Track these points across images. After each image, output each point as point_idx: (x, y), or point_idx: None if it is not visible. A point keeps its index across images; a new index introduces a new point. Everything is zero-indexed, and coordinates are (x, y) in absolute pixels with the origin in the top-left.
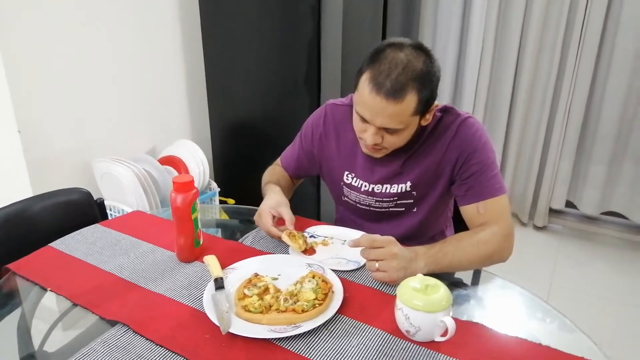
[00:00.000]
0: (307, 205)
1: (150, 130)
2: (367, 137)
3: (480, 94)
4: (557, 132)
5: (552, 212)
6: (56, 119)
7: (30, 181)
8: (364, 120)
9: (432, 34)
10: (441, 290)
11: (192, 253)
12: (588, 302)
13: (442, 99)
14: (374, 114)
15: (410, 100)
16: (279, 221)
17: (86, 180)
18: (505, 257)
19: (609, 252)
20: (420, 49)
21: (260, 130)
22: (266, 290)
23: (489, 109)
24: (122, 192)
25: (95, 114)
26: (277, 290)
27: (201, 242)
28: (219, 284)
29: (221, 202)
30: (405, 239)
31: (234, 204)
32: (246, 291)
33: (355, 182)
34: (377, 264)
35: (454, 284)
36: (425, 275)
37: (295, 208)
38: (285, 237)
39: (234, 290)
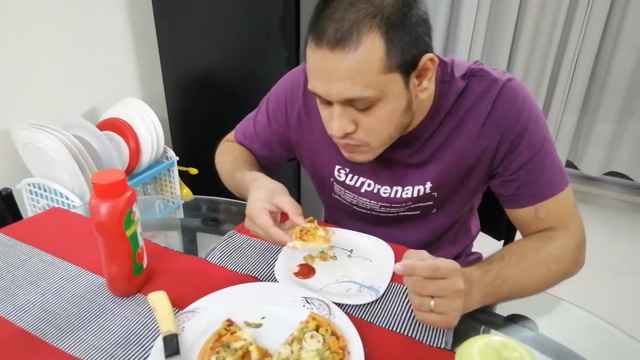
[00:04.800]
0: None
1: (87, 88)
2: (333, 126)
3: (477, 33)
4: (562, 84)
5: None
6: None
7: None
8: (323, 101)
9: None
10: None
11: (130, 284)
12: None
13: (436, 47)
14: (323, 80)
15: (371, 45)
16: (282, 216)
17: (9, 154)
18: (576, 272)
19: (609, 215)
20: None
21: (226, 85)
22: (246, 355)
23: (485, 51)
24: (52, 168)
25: (13, 70)
26: (264, 355)
27: (144, 266)
28: (172, 348)
29: (181, 172)
30: (418, 247)
31: (197, 174)
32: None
33: (351, 180)
34: (432, 302)
35: (510, 320)
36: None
37: None
38: (297, 243)
39: (197, 356)
